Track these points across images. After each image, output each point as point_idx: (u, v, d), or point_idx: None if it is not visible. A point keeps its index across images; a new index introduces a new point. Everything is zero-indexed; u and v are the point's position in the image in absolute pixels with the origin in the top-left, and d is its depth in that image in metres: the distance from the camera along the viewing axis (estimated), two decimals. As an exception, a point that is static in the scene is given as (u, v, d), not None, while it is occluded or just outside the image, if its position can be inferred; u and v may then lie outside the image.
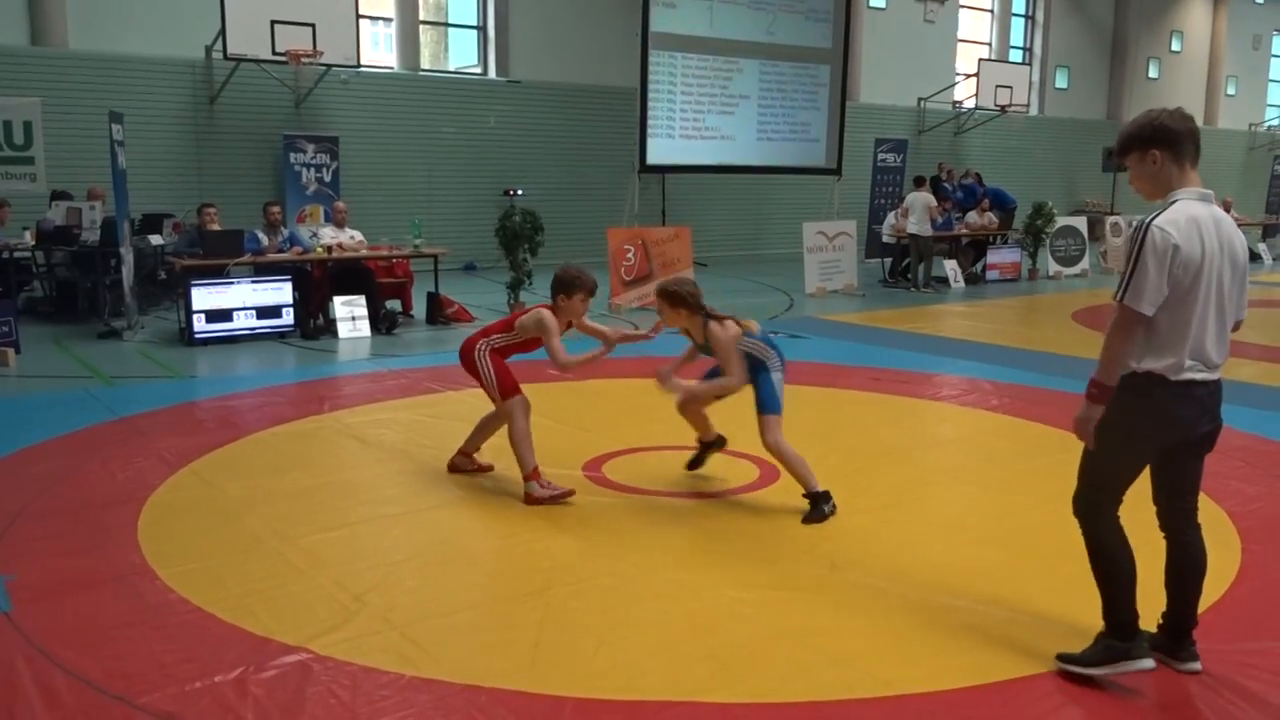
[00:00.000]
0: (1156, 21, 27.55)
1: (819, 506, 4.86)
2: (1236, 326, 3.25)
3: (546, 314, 5.25)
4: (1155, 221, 3.04)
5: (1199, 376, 3.13)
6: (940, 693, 3.23)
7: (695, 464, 5.54)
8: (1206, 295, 3.09)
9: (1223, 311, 3.15)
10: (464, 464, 5.57)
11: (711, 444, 5.52)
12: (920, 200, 14.22)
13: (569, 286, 5.29)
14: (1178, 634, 3.38)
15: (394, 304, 11.05)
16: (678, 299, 4.98)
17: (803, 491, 4.91)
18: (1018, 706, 3.17)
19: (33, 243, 11.28)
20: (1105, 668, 3.28)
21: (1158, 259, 3.01)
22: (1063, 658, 3.37)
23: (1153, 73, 27.73)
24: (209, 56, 14.35)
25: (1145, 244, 3.02)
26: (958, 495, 5.42)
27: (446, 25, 18.40)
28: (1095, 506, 3.31)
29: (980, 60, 21.66)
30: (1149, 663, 3.27)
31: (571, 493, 5.08)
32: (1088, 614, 3.76)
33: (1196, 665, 3.36)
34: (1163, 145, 3.13)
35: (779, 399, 4.92)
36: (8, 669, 3.31)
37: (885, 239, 15.58)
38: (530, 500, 5.02)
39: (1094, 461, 3.28)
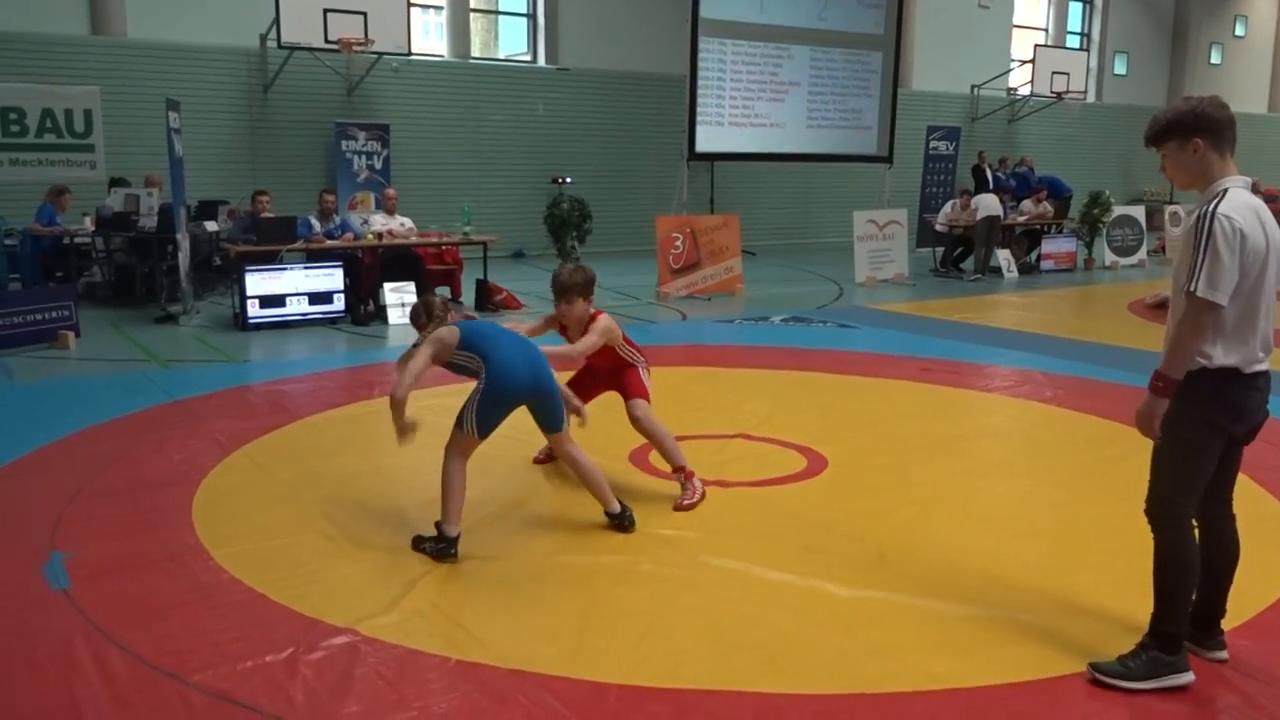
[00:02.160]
0: (1219, 5, 26.85)
1: None
2: None
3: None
4: (1220, 210, 2.98)
5: (1263, 367, 3.10)
6: (989, 687, 3.19)
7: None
8: (1271, 283, 3.06)
9: (1274, 297, 3.12)
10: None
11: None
12: (987, 200, 14.51)
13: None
14: (1207, 623, 3.33)
15: (443, 291, 11.12)
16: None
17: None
18: (1068, 704, 3.12)
19: (92, 229, 11.51)
20: (1150, 682, 3.16)
21: (1229, 246, 2.95)
22: (1100, 669, 3.23)
23: (1215, 58, 27.05)
24: (263, 45, 14.53)
25: (1214, 232, 2.95)
26: (1009, 488, 5.34)
27: (496, 13, 18.45)
28: (1177, 513, 3.17)
29: (1036, 46, 21.27)
30: (1191, 676, 3.18)
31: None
32: (1141, 610, 3.69)
33: (1224, 654, 3.34)
34: (1205, 134, 3.08)
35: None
36: (66, 645, 3.38)
37: (938, 228, 15.39)
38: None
39: (1173, 464, 3.16)
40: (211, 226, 11.59)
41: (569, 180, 16.65)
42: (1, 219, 10.99)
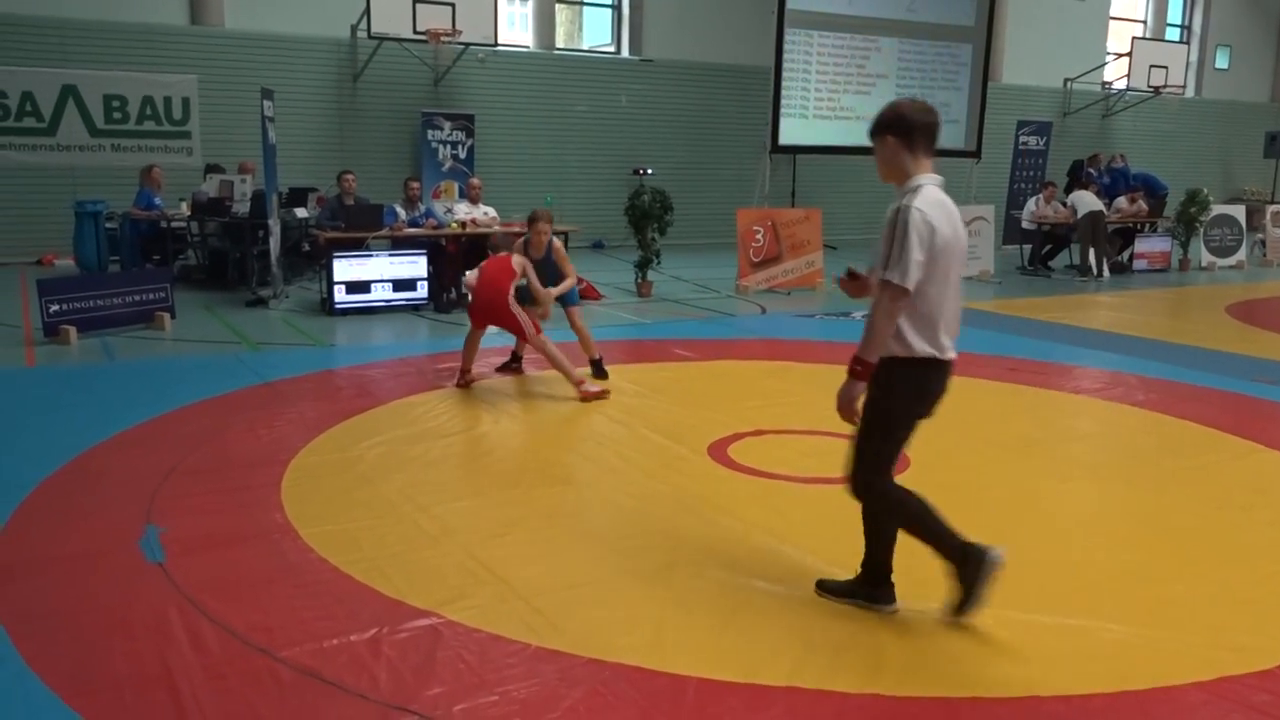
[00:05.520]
0: (1331, -3, 25.75)
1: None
2: None
3: (519, 257, 6.99)
4: (915, 204, 3.27)
5: (953, 354, 3.42)
6: (1074, 696, 3.11)
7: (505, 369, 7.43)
8: (956, 276, 3.39)
9: (959, 290, 3.44)
10: (469, 376, 7.00)
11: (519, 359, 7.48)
12: (1085, 197, 14.16)
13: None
14: (880, 579, 3.67)
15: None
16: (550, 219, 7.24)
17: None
18: (1159, 718, 3.03)
19: (188, 213, 11.86)
20: (852, 601, 3.67)
21: (920, 238, 3.23)
22: (820, 583, 3.78)
23: (1324, 52, 25.94)
24: (354, 35, 14.81)
25: (909, 224, 3.24)
26: (1099, 492, 5.20)
27: (581, 4, 18.51)
28: (877, 484, 3.53)
29: (1134, 39, 20.63)
30: (893, 608, 3.62)
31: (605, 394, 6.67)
32: (1234, 624, 3.58)
33: (895, 606, 3.65)
34: (896, 132, 3.42)
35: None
36: (160, 617, 3.50)
37: (1025, 225, 15.05)
38: (585, 397, 6.59)
39: (873, 446, 3.49)
40: (301, 213, 11.84)
41: (650, 171, 16.66)
42: (103, 203, 11.38)
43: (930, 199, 3.31)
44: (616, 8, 17.67)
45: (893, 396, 3.41)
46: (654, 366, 7.67)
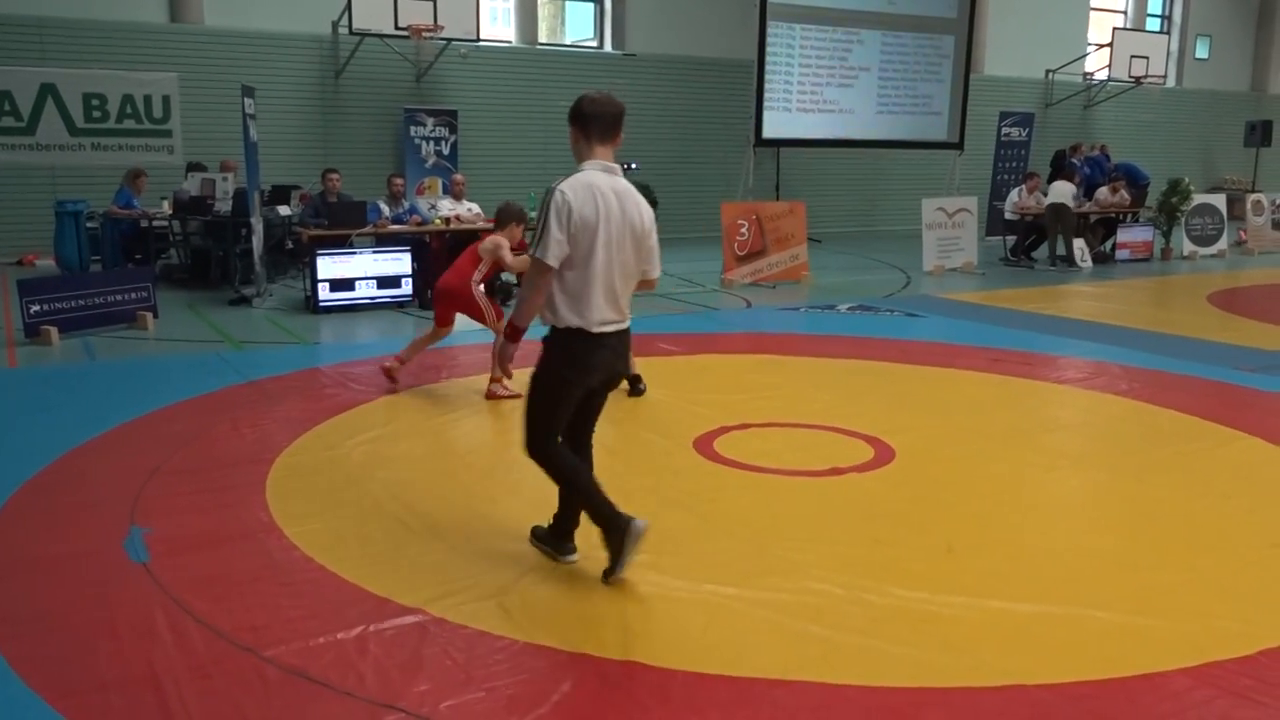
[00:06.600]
0: (1309, -14, 25.88)
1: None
2: (652, 284, 3.87)
3: (501, 238, 6.64)
4: (560, 186, 3.55)
5: (611, 328, 3.64)
6: (1061, 684, 3.13)
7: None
8: (608, 255, 3.57)
9: (627, 269, 3.66)
10: (395, 371, 6.78)
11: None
12: (1056, 186, 14.19)
13: (518, 216, 6.76)
14: (565, 534, 3.99)
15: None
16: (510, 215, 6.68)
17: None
18: (1146, 704, 3.04)
19: (170, 212, 11.78)
20: (540, 546, 4.02)
21: (558, 217, 3.51)
22: (536, 533, 4.07)
23: (1303, 41, 26.08)
24: (335, 32, 14.74)
25: (549, 205, 3.52)
26: (1083, 481, 5.23)
27: (564, -1, 18.47)
28: (545, 446, 3.77)
29: (1115, 29, 20.70)
30: (574, 558, 3.94)
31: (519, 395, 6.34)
32: (1218, 610, 3.61)
33: (574, 557, 3.96)
34: (574, 122, 3.72)
35: None
36: (146, 617, 3.48)
37: (1008, 216, 15.10)
38: (490, 396, 6.47)
39: (535, 408, 3.74)
40: (284, 211, 11.78)
41: (634, 166, 16.55)
42: (83, 203, 11.30)
43: (580, 182, 3.58)
44: (599, 2, 17.63)
45: (546, 362, 3.70)
46: (639, 361, 7.64)
